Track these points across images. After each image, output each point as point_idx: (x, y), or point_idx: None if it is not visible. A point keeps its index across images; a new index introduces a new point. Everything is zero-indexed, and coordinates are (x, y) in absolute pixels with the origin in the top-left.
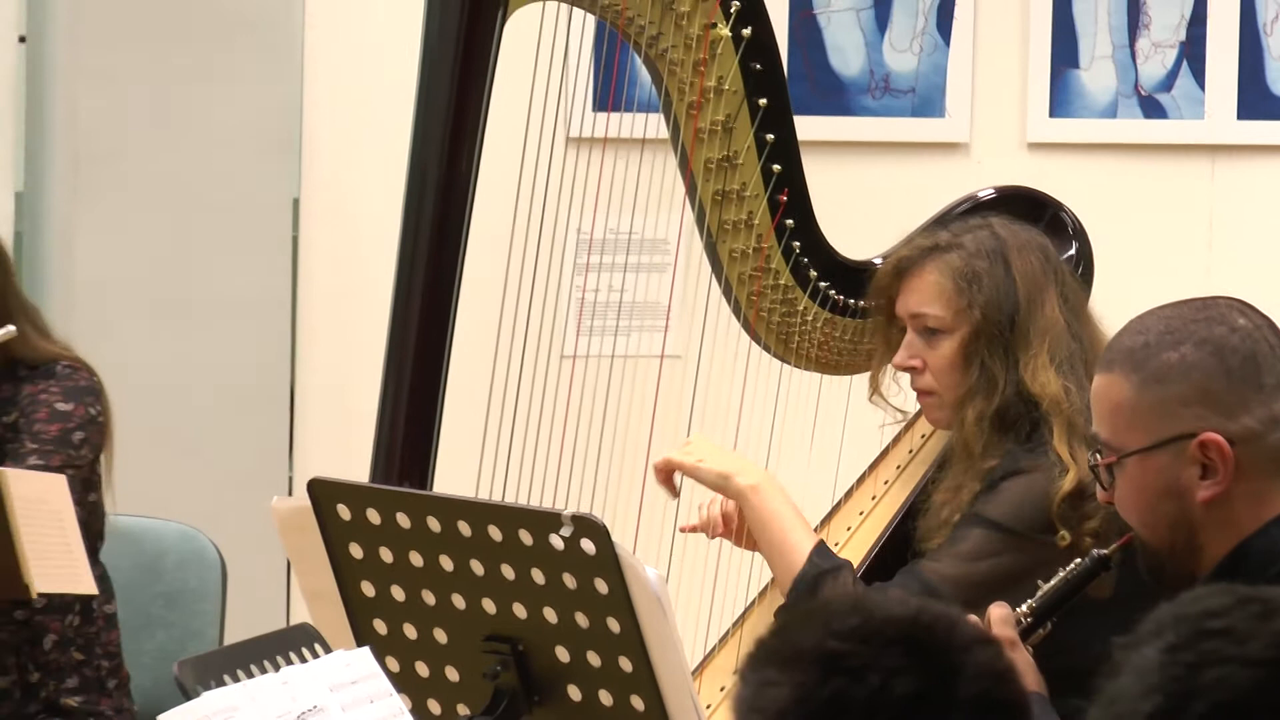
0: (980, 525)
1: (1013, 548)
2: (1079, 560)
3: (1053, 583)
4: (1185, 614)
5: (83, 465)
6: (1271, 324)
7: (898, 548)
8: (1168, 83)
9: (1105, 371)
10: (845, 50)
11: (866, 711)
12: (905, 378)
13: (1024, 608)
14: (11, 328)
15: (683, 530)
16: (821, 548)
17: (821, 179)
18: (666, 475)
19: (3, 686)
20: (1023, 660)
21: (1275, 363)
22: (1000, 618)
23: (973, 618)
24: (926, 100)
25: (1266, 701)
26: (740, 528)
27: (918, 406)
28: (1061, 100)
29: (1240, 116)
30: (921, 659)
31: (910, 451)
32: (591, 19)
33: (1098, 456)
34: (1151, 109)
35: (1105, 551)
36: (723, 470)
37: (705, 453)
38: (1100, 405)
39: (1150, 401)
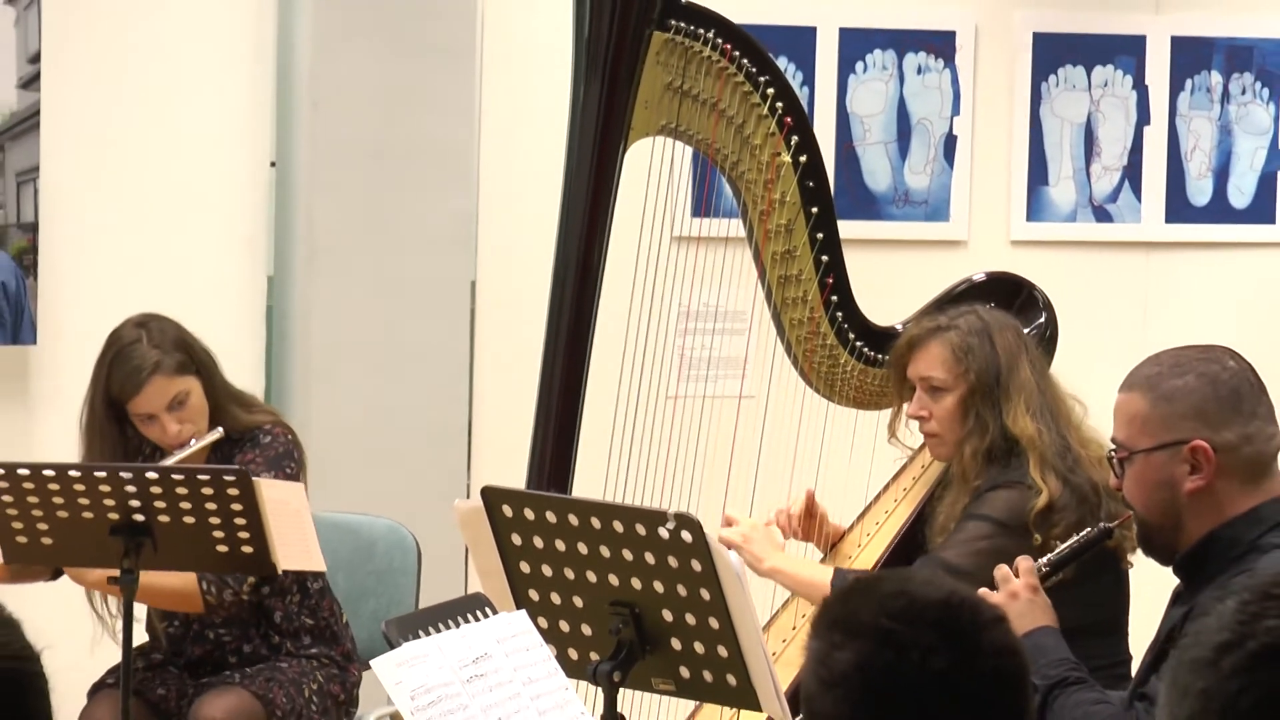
0: (974, 520)
1: (1001, 534)
2: (1089, 529)
3: (1067, 544)
4: (1259, 581)
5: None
6: (1253, 369)
7: (908, 546)
8: (1114, 196)
9: (1127, 391)
10: (876, 173)
11: (910, 680)
12: (914, 423)
13: (1043, 561)
14: (219, 430)
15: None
16: (838, 571)
17: (858, 266)
18: (727, 522)
19: (248, 651)
20: (1043, 601)
21: (1253, 397)
22: (1027, 568)
23: (1001, 567)
24: (936, 209)
25: None
26: (802, 528)
27: (921, 442)
28: (1035, 209)
29: (1168, 221)
30: (951, 638)
31: (914, 478)
32: (689, 149)
33: (1113, 453)
34: (1101, 215)
35: (1110, 525)
36: (755, 554)
37: (753, 541)
38: (1120, 415)
39: (1159, 414)
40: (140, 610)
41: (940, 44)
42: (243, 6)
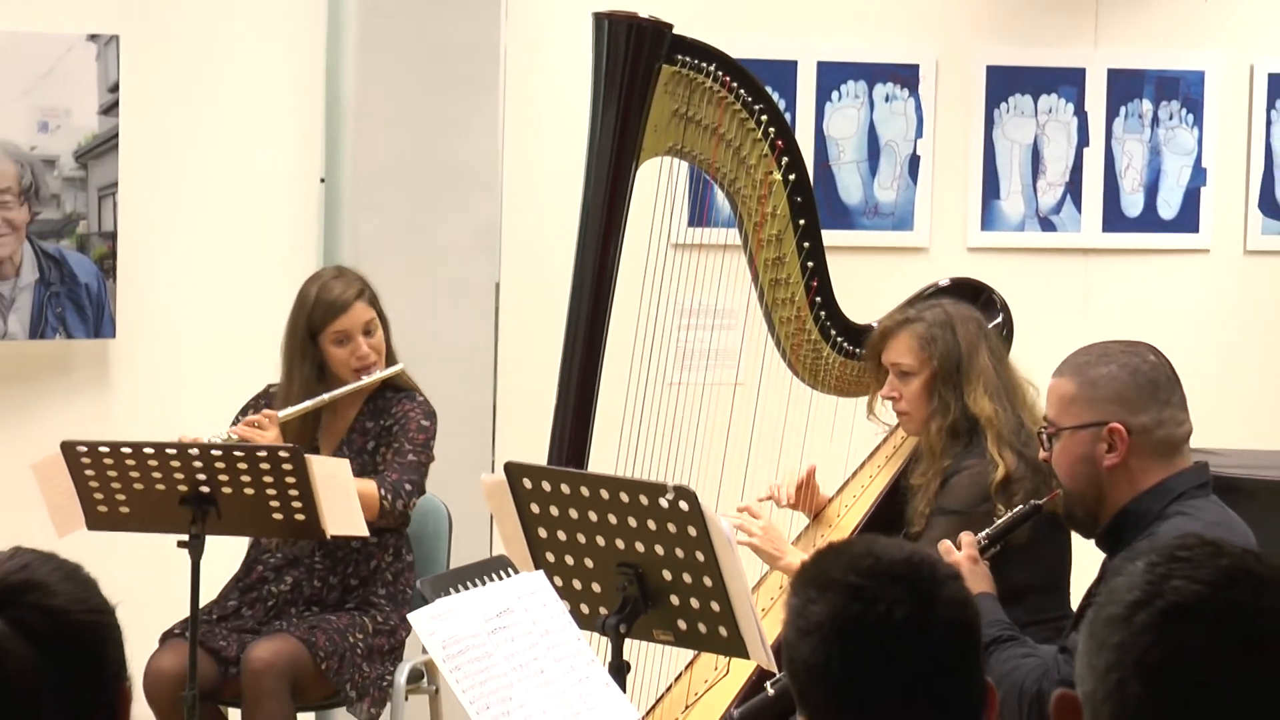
0: (942, 515)
1: (964, 524)
2: (1021, 506)
3: (1002, 519)
4: (1167, 544)
5: (430, 464)
6: (1170, 364)
7: (884, 513)
8: (1057, 208)
9: (1058, 375)
10: (849, 188)
11: (876, 628)
12: (889, 403)
13: (981, 535)
14: (400, 364)
15: (759, 500)
16: None
17: (833, 270)
18: (742, 511)
19: (334, 581)
20: (982, 570)
21: (1168, 387)
22: (968, 541)
23: (944, 542)
24: (901, 220)
25: (1204, 609)
26: (798, 498)
27: (895, 420)
28: (989, 219)
29: (1104, 230)
30: (912, 591)
31: (887, 457)
32: (686, 167)
33: (1044, 429)
34: (1046, 225)
35: (1039, 502)
36: (773, 553)
37: (768, 538)
38: (1051, 396)
39: (1084, 397)
40: (236, 552)
41: (906, 75)
42: (297, 43)
